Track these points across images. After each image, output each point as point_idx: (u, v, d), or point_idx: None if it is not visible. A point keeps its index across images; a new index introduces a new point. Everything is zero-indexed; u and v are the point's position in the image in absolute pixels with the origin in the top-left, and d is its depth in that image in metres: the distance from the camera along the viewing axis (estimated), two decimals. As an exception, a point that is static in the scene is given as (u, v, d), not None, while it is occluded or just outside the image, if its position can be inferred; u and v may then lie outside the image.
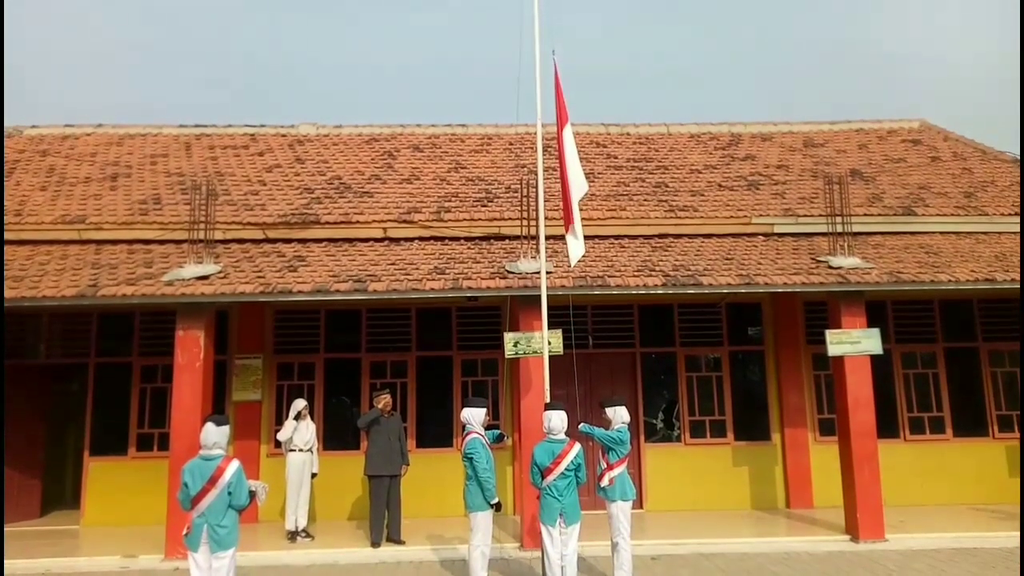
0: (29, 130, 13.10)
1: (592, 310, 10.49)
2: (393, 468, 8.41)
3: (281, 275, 8.67)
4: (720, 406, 10.51)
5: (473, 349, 10.46)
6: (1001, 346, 10.68)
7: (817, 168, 11.94)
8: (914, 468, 10.20)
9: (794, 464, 10.22)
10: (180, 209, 10.12)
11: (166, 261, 9.17)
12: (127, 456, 10.00)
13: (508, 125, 13.43)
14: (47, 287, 8.28)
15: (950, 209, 10.72)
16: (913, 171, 12.03)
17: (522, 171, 11.34)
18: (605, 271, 8.83)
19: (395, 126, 13.57)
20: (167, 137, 13.12)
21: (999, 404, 10.60)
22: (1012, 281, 8.64)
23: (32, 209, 10.35)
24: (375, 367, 10.41)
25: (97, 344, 10.33)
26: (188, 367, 8.16)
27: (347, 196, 10.88)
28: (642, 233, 10.32)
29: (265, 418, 10.12)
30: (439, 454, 9.97)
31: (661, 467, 10.27)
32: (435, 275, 8.68)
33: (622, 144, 13.07)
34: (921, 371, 10.70)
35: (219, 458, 5.12)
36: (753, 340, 10.80)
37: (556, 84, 7.53)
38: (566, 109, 7.48)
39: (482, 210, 10.47)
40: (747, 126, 13.84)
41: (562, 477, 5.97)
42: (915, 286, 8.68)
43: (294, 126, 13.61)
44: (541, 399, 7.39)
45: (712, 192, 11.15)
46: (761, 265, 9.09)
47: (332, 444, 10.09)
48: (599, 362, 10.49)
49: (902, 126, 13.92)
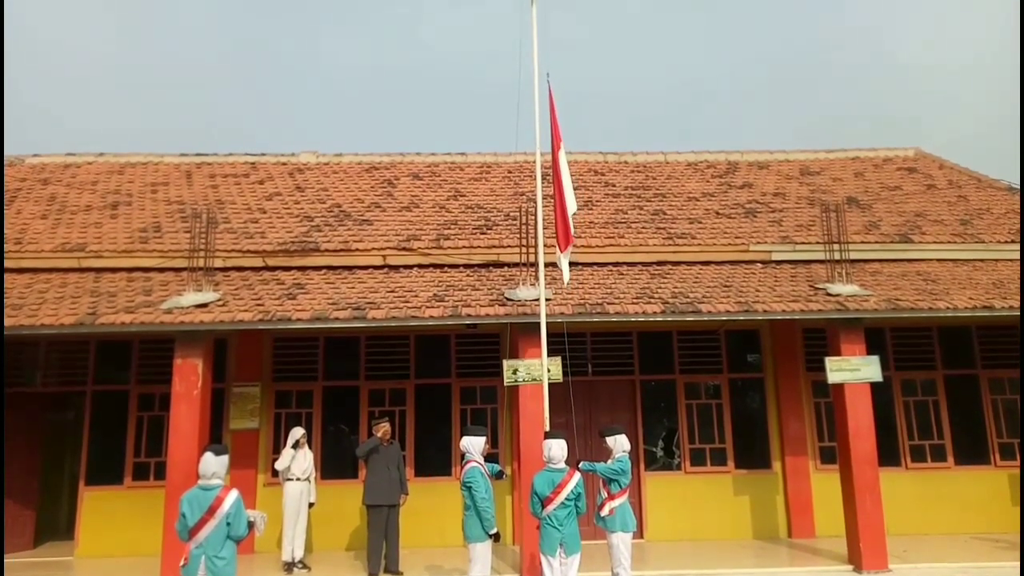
0: (31, 159, 13.18)
1: (591, 337, 10.49)
2: (392, 498, 8.34)
3: (280, 303, 8.67)
4: (720, 434, 10.46)
5: (472, 376, 10.43)
6: (1001, 373, 10.67)
7: (814, 196, 12.03)
8: (916, 497, 10.13)
9: (795, 493, 10.14)
10: (180, 237, 10.16)
11: (165, 289, 9.18)
12: (123, 485, 9.90)
13: (507, 153, 13.54)
14: (46, 315, 8.28)
15: (947, 237, 10.79)
16: (909, 199, 12.12)
17: (521, 199, 11.41)
18: (604, 298, 8.84)
19: (395, 154, 13.67)
20: (168, 165, 13.20)
21: (1000, 432, 10.56)
22: (1010, 308, 8.67)
23: (32, 237, 10.38)
24: (374, 395, 10.37)
25: (94, 372, 10.28)
26: (186, 395, 8.12)
27: (347, 224, 10.93)
28: (640, 260, 10.35)
29: (263, 447, 10.05)
30: (438, 483, 9.89)
31: (661, 496, 10.19)
32: (434, 302, 8.69)
33: (620, 172, 13.17)
34: (921, 398, 10.67)
35: (218, 488, 5.08)
36: (752, 367, 10.78)
37: (551, 107, 7.66)
38: (559, 132, 7.60)
39: (481, 237, 10.52)
40: (744, 154, 13.96)
41: (562, 507, 5.93)
42: (913, 313, 8.70)
43: (294, 154, 13.71)
44: (541, 427, 7.36)
45: (710, 220, 11.21)
46: (759, 292, 9.11)
47: (330, 473, 10.01)
48: (599, 390, 10.46)
49: (897, 154, 14.05)
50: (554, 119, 7.63)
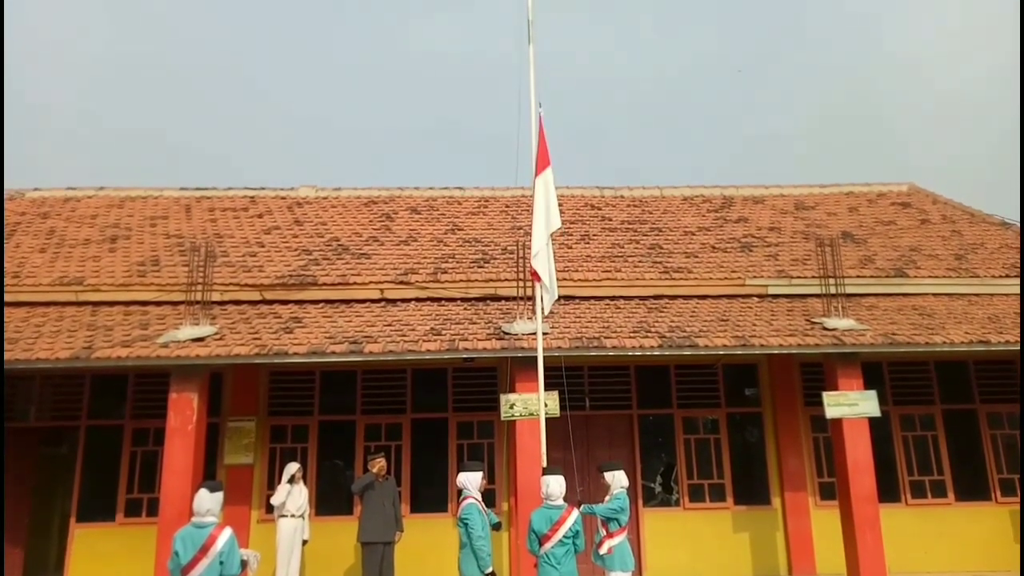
0: (31, 192, 13.26)
1: (589, 371, 10.46)
2: (387, 535, 8.23)
3: (277, 337, 8.66)
4: (719, 469, 10.38)
5: (469, 411, 10.38)
6: (999, 408, 10.64)
7: (809, 230, 12.13)
8: (917, 533, 10.02)
9: (795, 529, 10.03)
10: (178, 271, 10.18)
11: (162, 323, 9.17)
12: (115, 522, 9.76)
13: (504, 188, 13.66)
14: (41, 349, 8.25)
15: (941, 271, 10.86)
16: (903, 233, 12.22)
17: (519, 233, 11.48)
18: (601, 332, 8.85)
19: (393, 189, 13.79)
20: (168, 199, 13.29)
21: (1000, 467, 10.49)
22: (1006, 343, 8.69)
23: (30, 271, 10.39)
24: (370, 429, 10.30)
25: (89, 407, 10.20)
26: (180, 430, 8.07)
27: (345, 258, 10.97)
28: (637, 294, 10.39)
29: (257, 482, 9.94)
30: (434, 520, 9.77)
31: (660, 532, 10.07)
32: (431, 336, 8.69)
33: (616, 206, 13.28)
34: (920, 433, 10.62)
35: (211, 526, 5.03)
36: (750, 402, 10.75)
37: (540, 135, 7.75)
38: (548, 155, 7.67)
39: (479, 271, 10.56)
40: (739, 189, 14.10)
41: (560, 544, 5.86)
42: (910, 348, 8.72)
43: (294, 188, 13.82)
44: (538, 463, 7.30)
45: (706, 254, 11.28)
46: (756, 326, 9.13)
47: (325, 509, 9.89)
48: (596, 424, 10.41)
49: (891, 189, 14.21)
50: (542, 146, 7.71)
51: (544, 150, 7.70)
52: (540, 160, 7.67)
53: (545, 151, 7.70)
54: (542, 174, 7.60)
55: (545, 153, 7.69)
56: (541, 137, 7.74)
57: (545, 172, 7.62)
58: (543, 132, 7.76)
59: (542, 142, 7.72)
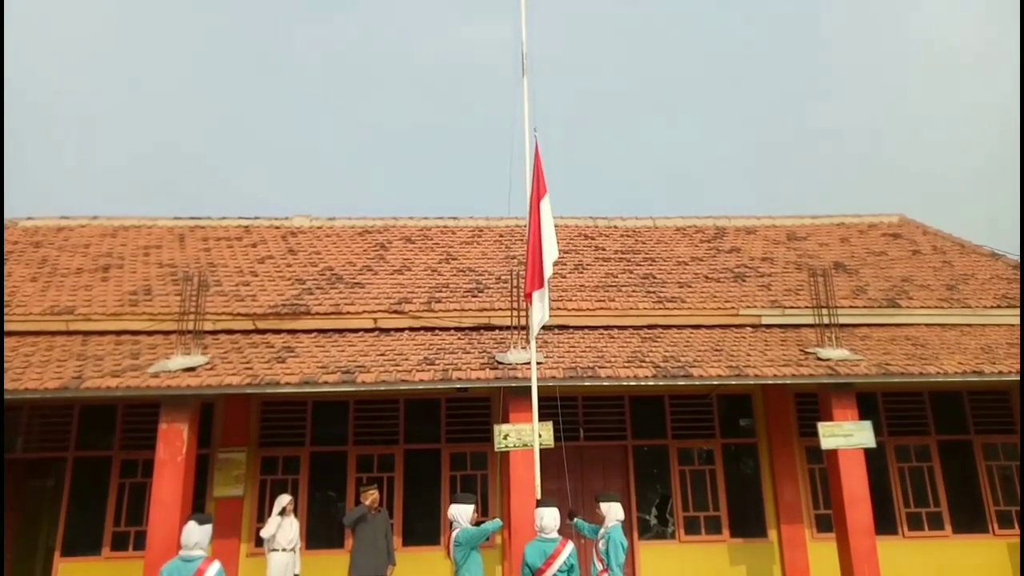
0: (24, 221, 13.23)
1: (583, 401, 10.41)
2: (379, 569, 8.08)
3: (269, 366, 8.60)
4: (715, 501, 10.28)
5: (462, 442, 10.27)
6: (994, 439, 10.61)
7: (801, 260, 12.19)
8: (915, 566, 9.90)
9: (792, 563, 9.90)
10: (170, 300, 10.13)
11: (154, 352, 9.10)
12: (101, 556, 9.55)
13: (498, 218, 13.72)
14: (30, 379, 8.17)
15: (933, 302, 10.91)
16: (895, 264, 12.30)
17: (512, 262, 11.49)
18: (595, 362, 8.82)
19: (387, 218, 13.82)
20: (161, 229, 13.27)
21: (997, 499, 10.42)
22: (999, 374, 8.70)
23: (21, 300, 10.33)
24: (362, 460, 10.17)
25: (77, 437, 10.05)
26: (170, 461, 7.96)
27: (338, 287, 10.95)
28: (631, 324, 10.38)
29: (247, 515, 9.77)
30: (426, 553, 9.62)
31: (656, 566, 9.92)
32: (425, 366, 8.64)
33: (610, 236, 13.34)
34: (916, 464, 10.55)
35: (199, 559, 4.94)
36: (745, 432, 10.68)
37: (536, 161, 7.74)
38: (545, 183, 7.65)
39: (472, 300, 10.55)
40: (731, 219, 14.20)
41: (554, 578, 5.76)
42: (904, 378, 8.72)
43: (288, 218, 13.83)
44: (532, 495, 7.21)
45: (699, 284, 11.31)
46: (750, 356, 9.12)
47: (315, 542, 9.72)
48: (591, 455, 10.32)
49: (882, 220, 14.33)
50: (538, 173, 7.68)
51: (540, 176, 7.68)
52: (537, 185, 7.65)
53: (542, 177, 7.69)
54: (544, 199, 7.57)
55: (542, 180, 7.67)
56: (537, 163, 7.75)
57: (544, 200, 7.59)
58: (539, 158, 7.77)
59: (538, 168, 7.72)
